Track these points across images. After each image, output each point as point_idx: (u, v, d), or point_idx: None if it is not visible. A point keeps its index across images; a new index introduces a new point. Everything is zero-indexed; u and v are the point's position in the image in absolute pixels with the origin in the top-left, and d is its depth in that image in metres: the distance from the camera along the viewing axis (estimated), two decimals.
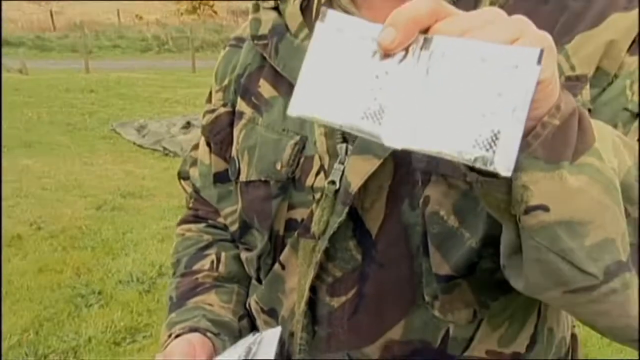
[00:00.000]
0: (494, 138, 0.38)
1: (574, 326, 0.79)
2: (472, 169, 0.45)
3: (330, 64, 0.41)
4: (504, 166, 0.38)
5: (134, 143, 6.76)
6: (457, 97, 0.39)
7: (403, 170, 0.63)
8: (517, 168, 0.41)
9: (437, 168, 0.61)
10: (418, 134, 0.39)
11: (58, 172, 5.45)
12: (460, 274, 0.63)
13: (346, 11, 0.69)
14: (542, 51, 0.37)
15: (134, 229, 4.15)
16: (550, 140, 0.42)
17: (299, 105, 0.41)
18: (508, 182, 0.43)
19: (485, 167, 0.38)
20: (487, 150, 0.38)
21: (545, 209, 0.43)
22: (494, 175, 0.41)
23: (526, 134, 0.41)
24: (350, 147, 0.65)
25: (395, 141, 0.40)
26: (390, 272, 0.66)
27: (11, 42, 19.60)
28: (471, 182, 0.57)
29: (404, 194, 0.64)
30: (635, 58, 0.58)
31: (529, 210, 0.43)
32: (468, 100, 0.38)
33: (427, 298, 0.65)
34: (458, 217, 0.62)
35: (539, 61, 0.37)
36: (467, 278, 0.63)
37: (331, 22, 0.42)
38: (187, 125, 6.92)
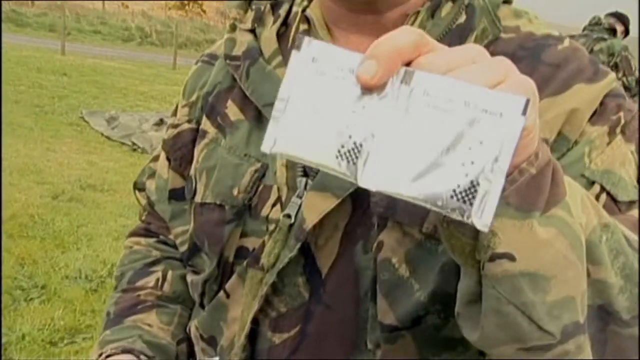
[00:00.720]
0: (472, 190, 0.37)
1: None
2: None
3: (306, 96, 0.40)
4: (481, 221, 0.37)
5: (102, 134, 6.72)
6: (436, 142, 0.38)
7: (360, 211, 0.64)
8: None
9: (394, 214, 0.62)
10: (393, 177, 0.39)
11: (17, 155, 5.37)
12: (404, 325, 0.63)
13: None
14: (527, 101, 0.37)
15: (89, 223, 4.10)
16: (525, 188, 0.42)
17: (272, 142, 0.40)
18: (475, 229, 0.42)
19: (462, 220, 0.38)
20: (465, 202, 0.37)
21: (512, 258, 0.43)
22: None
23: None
24: (310, 181, 0.66)
25: (370, 183, 0.39)
26: (335, 313, 0.66)
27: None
28: (427, 232, 0.61)
29: (359, 235, 0.65)
30: (597, 128, 0.61)
31: (494, 258, 0.43)
32: (448, 146, 0.38)
33: (369, 345, 0.65)
34: (409, 267, 0.62)
35: (524, 111, 0.37)
36: (412, 331, 0.63)
37: (308, 50, 0.41)
38: (160, 122, 6.88)
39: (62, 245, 3.68)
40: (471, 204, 0.38)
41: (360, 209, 0.65)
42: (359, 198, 0.64)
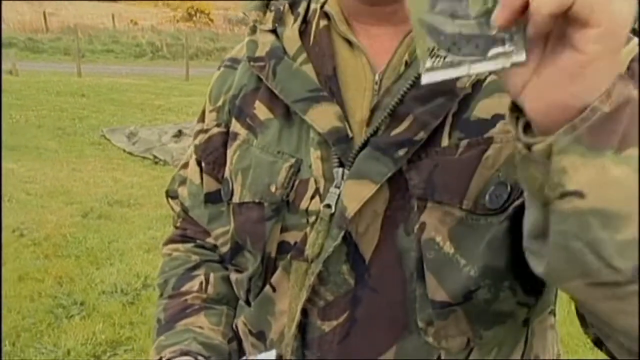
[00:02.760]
0: (454, 63, 0.45)
1: (559, 353, 0.81)
2: (519, 138, 0.47)
3: None
4: (425, 78, 0.45)
5: (124, 150, 6.77)
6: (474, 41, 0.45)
7: (399, 196, 0.65)
8: (559, 150, 0.43)
9: (433, 195, 0.63)
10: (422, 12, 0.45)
11: (44, 178, 5.44)
12: (456, 301, 0.64)
13: (346, 39, 0.71)
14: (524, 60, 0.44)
15: (120, 238, 4.14)
16: (598, 127, 0.42)
17: None
18: (548, 162, 0.44)
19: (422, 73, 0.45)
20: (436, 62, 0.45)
21: (581, 195, 0.43)
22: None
23: (574, 116, 0.42)
24: (346, 171, 0.66)
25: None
26: (383, 297, 0.67)
27: (3, 43, 19.68)
28: (467, 208, 0.62)
29: (399, 219, 0.66)
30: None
31: (564, 195, 0.43)
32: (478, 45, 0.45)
33: (420, 324, 0.66)
34: (453, 244, 0.63)
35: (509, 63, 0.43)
36: (463, 306, 0.64)
37: None
38: (179, 133, 6.94)
39: (96, 261, 3.73)
40: (433, 66, 0.45)
41: (399, 193, 0.65)
42: (396, 183, 0.65)
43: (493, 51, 0.44)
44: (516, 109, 0.47)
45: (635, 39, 0.63)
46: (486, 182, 0.63)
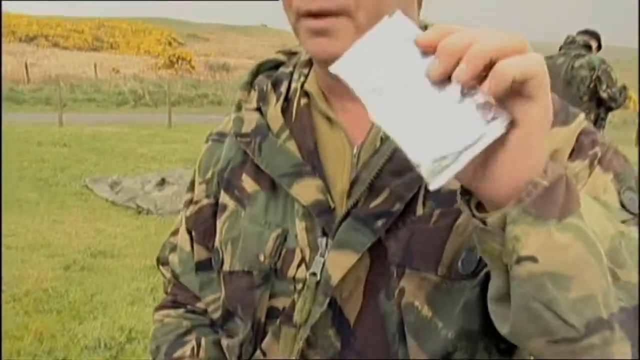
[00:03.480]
0: (450, 157, 0.45)
1: None
2: (473, 215, 0.51)
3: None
4: (432, 184, 0.45)
5: (107, 200, 6.68)
6: (441, 117, 0.46)
7: (379, 263, 0.69)
8: (511, 221, 0.47)
9: (410, 262, 0.67)
10: (399, 123, 0.46)
11: (25, 231, 5.35)
12: None
13: (325, 115, 0.76)
14: (511, 122, 0.46)
15: (103, 290, 4.07)
16: (540, 199, 0.47)
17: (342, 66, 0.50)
18: (502, 233, 0.48)
19: (426, 181, 0.45)
20: (434, 168, 0.45)
21: (534, 260, 0.47)
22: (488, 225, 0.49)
23: (519, 190, 0.47)
24: (330, 241, 0.70)
25: (381, 119, 0.47)
26: (367, 358, 0.70)
27: None
28: (442, 274, 0.66)
29: (381, 285, 0.69)
30: (578, 163, 0.66)
31: (519, 260, 0.48)
32: (446, 124, 0.46)
33: None
34: (431, 307, 0.67)
35: (506, 127, 0.46)
36: None
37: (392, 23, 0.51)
38: (162, 182, 6.89)
39: (79, 316, 3.66)
40: (434, 171, 0.45)
41: (379, 260, 0.69)
42: (376, 251, 0.69)
43: (481, 128, 0.46)
44: (465, 192, 0.52)
45: (582, 115, 0.71)
46: (458, 249, 0.66)
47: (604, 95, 4.77)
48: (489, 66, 0.45)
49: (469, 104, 0.46)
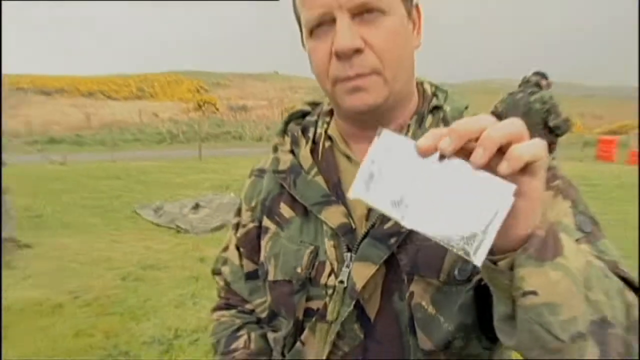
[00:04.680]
0: (473, 238, 0.43)
1: None
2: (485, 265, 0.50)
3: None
4: (477, 260, 0.43)
5: (152, 222, 6.64)
6: (458, 203, 0.44)
7: (393, 272, 0.69)
8: (518, 265, 0.48)
9: (418, 271, 0.68)
10: (429, 223, 0.44)
11: (91, 249, 5.36)
12: (439, 349, 0.68)
13: (345, 154, 0.76)
14: (516, 189, 0.44)
15: (153, 297, 4.06)
16: (539, 246, 0.48)
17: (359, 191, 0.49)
18: (510, 273, 0.49)
19: (467, 258, 0.43)
20: (468, 245, 0.43)
21: (535, 294, 0.49)
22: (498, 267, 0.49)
23: (521, 240, 0.47)
24: (353, 255, 0.70)
25: (412, 225, 0.45)
26: (385, 346, 0.71)
27: (55, 140, 19.85)
28: (443, 280, 0.66)
29: (394, 289, 0.70)
30: (545, 193, 0.62)
31: (524, 294, 0.49)
32: (464, 207, 0.44)
33: None
34: (435, 306, 0.68)
35: (514, 195, 0.44)
36: (444, 352, 0.68)
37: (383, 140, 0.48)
38: (196, 206, 6.88)
39: (136, 317, 3.67)
40: (471, 248, 0.43)
41: (392, 270, 0.69)
42: (390, 263, 0.69)
43: (493, 202, 0.43)
44: None
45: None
46: (455, 261, 0.67)
47: (552, 124, 4.81)
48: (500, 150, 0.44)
49: (474, 179, 0.44)
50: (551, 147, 4.93)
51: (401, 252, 0.69)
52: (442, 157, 0.45)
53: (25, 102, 32.46)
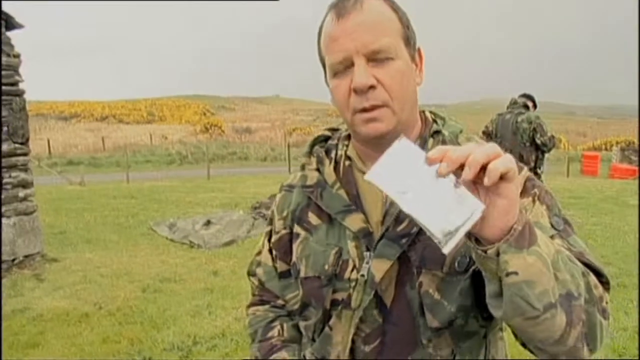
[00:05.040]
0: (453, 232, 0.53)
1: (507, 354, 0.90)
2: (476, 248, 0.58)
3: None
4: (445, 249, 0.53)
5: (167, 238, 6.62)
6: (444, 205, 0.53)
7: (405, 266, 0.77)
8: (502, 252, 0.56)
9: (425, 265, 0.76)
10: (420, 211, 0.53)
11: (112, 263, 5.38)
12: (444, 326, 0.76)
13: (362, 172, 0.83)
14: (484, 208, 0.54)
15: (171, 307, 4.09)
16: (517, 236, 0.57)
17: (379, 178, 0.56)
18: (497, 259, 0.57)
19: (439, 245, 0.53)
20: (443, 237, 0.53)
21: (516, 274, 0.57)
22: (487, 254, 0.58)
23: (503, 232, 0.56)
24: (372, 254, 0.78)
25: (409, 211, 0.53)
26: (400, 327, 0.78)
27: (74, 162, 19.94)
28: (446, 272, 0.74)
29: (406, 280, 0.77)
30: (525, 199, 0.75)
31: (507, 274, 0.57)
32: (448, 209, 0.53)
33: (424, 342, 0.78)
34: (440, 293, 0.76)
35: (482, 212, 0.53)
36: (448, 329, 0.77)
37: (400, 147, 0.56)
38: (207, 223, 6.87)
39: (156, 326, 3.69)
40: (444, 239, 0.52)
41: (404, 265, 0.77)
42: (402, 259, 0.76)
43: (468, 209, 0.53)
44: (467, 234, 0.59)
45: (525, 168, 0.79)
46: (455, 255, 0.75)
47: (539, 142, 4.89)
48: (482, 168, 0.54)
49: (459, 193, 0.53)
50: (538, 162, 5.04)
51: (411, 250, 0.77)
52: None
53: (46, 127, 32.65)
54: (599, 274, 0.69)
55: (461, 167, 0.54)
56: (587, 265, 0.69)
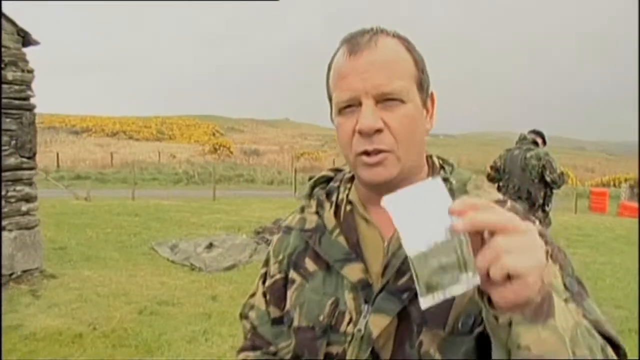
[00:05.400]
0: (437, 289, 0.50)
1: None
2: (488, 312, 0.54)
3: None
4: (424, 305, 0.51)
5: (168, 259, 6.59)
6: (445, 258, 0.50)
7: (404, 323, 0.73)
8: (515, 323, 0.53)
9: (426, 323, 0.72)
10: (419, 256, 0.50)
11: (110, 282, 5.34)
12: None
13: (364, 217, 0.80)
14: (478, 283, 0.50)
15: (167, 331, 4.03)
16: (533, 309, 0.53)
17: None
18: (508, 328, 0.54)
19: (419, 296, 0.50)
20: (427, 289, 0.50)
21: (529, 349, 0.54)
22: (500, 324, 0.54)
23: (519, 300, 0.50)
24: (370, 307, 0.74)
25: (408, 249, 0.51)
26: None
27: (81, 176, 20.03)
28: (448, 331, 0.70)
29: (405, 337, 0.73)
30: None
31: (519, 347, 0.54)
32: (446, 263, 0.50)
33: None
34: (442, 354, 0.71)
35: (477, 283, 0.50)
36: None
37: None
38: (210, 245, 6.85)
39: (150, 350, 3.63)
40: (426, 292, 0.50)
41: (404, 321, 0.73)
42: (402, 315, 0.73)
43: (462, 277, 0.50)
44: (480, 292, 0.56)
45: (537, 222, 0.75)
46: (459, 314, 0.70)
47: (548, 179, 4.84)
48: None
49: (464, 254, 0.50)
50: (546, 200, 4.98)
51: (412, 306, 0.72)
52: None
53: (57, 141, 33.06)
54: (615, 345, 0.65)
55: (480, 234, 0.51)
56: (603, 334, 0.65)
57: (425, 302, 0.51)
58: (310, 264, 0.83)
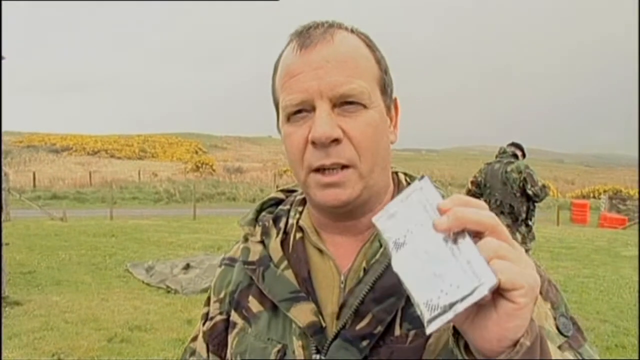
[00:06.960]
0: (437, 309, 0.42)
1: None
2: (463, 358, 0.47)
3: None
4: (430, 329, 0.43)
5: (143, 282, 6.47)
6: (444, 270, 0.43)
7: None
8: None
9: None
10: (410, 272, 0.44)
11: (79, 307, 5.17)
12: None
13: (316, 247, 0.70)
14: (497, 282, 0.41)
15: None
16: (524, 356, 0.44)
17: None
18: None
19: (422, 322, 0.43)
20: (428, 312, 0.42)
21: None
22: None
23: (503, 344, 0.44)
24: (322, 357, 0.64)
25: (397, 269, 0.45)
26: None
27: (58, 196, 19.68)
28: None
29: None
30: None
31: None
32: (446, 277, 0.43)
33: None
34: None
35: (491, 289, 0.41)
36: None
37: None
38: (187, 266, 6.73)
39: None
40: (429, 315, 0.42)
41: None
42: None
43: (470, 286, 0.42)
44: (456, 332, 0.48)
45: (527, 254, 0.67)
46: None
47: (530, 192, 4.80)
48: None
49: (468, 257, 0.43)
50: (529, 214, 4.91)
51: (373, 356, 0.62)
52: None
53: (36, 159, 32.50)
54: None
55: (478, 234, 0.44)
56: None
57: (431, 327, 0.42)
58: (254, 304, 0.72)
